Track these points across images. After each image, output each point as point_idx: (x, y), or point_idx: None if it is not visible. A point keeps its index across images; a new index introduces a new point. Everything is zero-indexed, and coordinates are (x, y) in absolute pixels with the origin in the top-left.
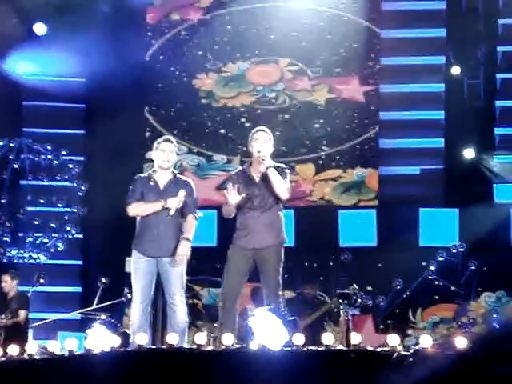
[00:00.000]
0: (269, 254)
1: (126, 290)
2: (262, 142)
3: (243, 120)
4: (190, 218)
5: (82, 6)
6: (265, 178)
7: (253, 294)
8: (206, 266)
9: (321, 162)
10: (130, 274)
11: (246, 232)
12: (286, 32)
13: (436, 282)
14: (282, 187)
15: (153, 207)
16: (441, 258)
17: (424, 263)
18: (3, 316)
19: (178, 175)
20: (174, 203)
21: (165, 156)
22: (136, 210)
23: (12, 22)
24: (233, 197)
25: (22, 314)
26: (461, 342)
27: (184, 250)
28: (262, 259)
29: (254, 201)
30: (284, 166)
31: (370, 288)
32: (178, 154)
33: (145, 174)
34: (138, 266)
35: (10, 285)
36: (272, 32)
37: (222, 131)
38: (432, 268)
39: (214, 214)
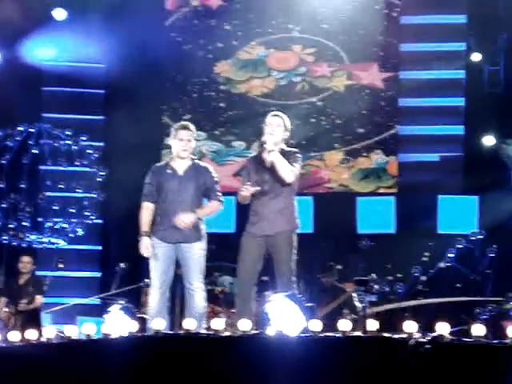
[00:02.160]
0: (280, 240)
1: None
2: (275, 127)
3: (262, 106)
4: (214, 203)
5: None
6: (271, 166)
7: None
8: (224, 252)
9: (340, 148)
10: (148, 258)
11: (256, 218)
12: (305, 19)
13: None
14: (285, 170)
15: (142, 226)
16: (459, 246)
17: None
18: (23, 301)
19: (197, 161)
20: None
21: (183, 145)
22: (141, 212)
23: (31, 7)
24: (246, 192)
25: (39, 298)
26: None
27: (186, 217)
28: (274, 246)
29: (265, 186)
30: (295, 150)
31: (388, 275)
32: (196, 140)
33: (162, 163)
34: (156, 251)
35: (29, 268)
36: (291, 19)
37: (241, 117)
38: (451, 255)
39: (232, 200)
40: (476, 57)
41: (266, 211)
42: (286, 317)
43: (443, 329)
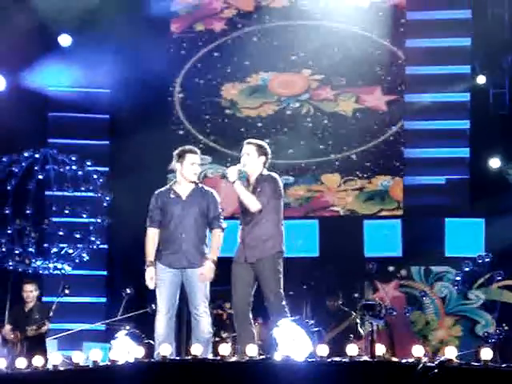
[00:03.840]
0: (263, 266)
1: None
2: (245, 156)
3: (266, 129)
4: (216, 234)
5: (107, 17)
6: (253, 191)
7: None
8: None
9: (345, 171)
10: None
11: (241, 246)
12: (308, 47)
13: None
14: (248, 200)
15: (147, 256)
16: (467, 269)
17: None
18: (30, 328)
19: (201, 185)
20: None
21: (195, 169)
22: (146, 237)
23: (37, 33)
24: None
25: (47, 325)
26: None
27: (207, 272)
28: (257, 272)
29: (246, 215)
30: (273, 175)
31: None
32: (201, 165)
33: (165, 188)
34: (162, 277)
35: (32, 296)
36: (294, 47)
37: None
38: (458, 278)
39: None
40: (481, 79)
41: (247, 239)
42: (293, 341)
43: (451, 353)
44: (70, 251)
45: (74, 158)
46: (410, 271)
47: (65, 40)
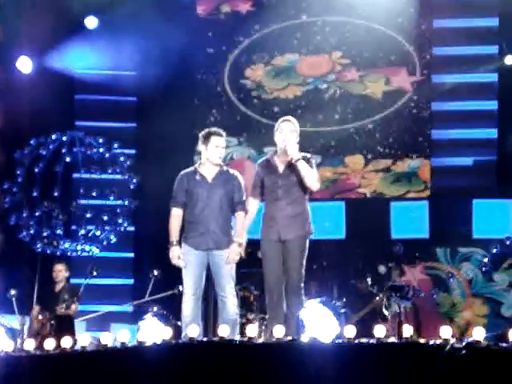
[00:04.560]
0: (293, 245)
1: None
2: (287, 133)
3: (293, 111)
4: (241, 216)
5: None
6: (289, 168)
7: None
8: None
9: (371, 153)
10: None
11: (272, 223)
12: (333, 26)
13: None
14: (312, 179)
15: (172, 235)
16: (494, 250)
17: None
18: (60, 306)
19: (226, 167)
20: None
21: (219, 152)
22: (170, 217)
23: (63, 15)
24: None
25: (75, 305)
26: None
27: (234, 255)
28: (286, 250)
29: (278, 191)
30: (309, 155)
31: None
32: (227, 147)
33: (190, 169)
34: (189, 258)
35: (61, 276)
36: (319, 28)
37: (271, 123)
38: (485, 260)
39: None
40: (509, 60)
41: (280, 216)
42: (320, 323)
43: (479, 334)
44: (98, 233)
45: (100, 141)
46: (436, 254)
47: (91, 22)
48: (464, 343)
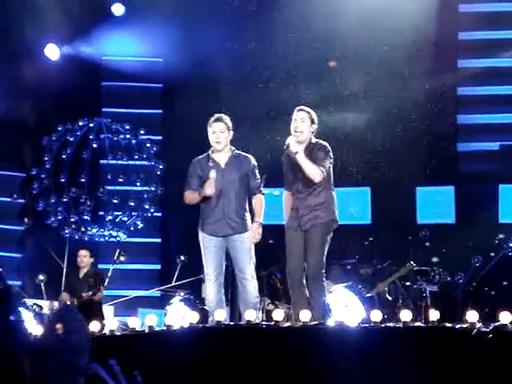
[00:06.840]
0: (313, 233)
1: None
2: (299, 122)
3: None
4: (258, 198)
5: None
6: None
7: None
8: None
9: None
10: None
11: (295, 214)
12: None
13: None
14: (311, 171)
15: (194, 198)
16: None
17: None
18: (85, 293)
19: (237, 151)
20: (208, 191)
21: (215, 136)
22: (185, 200)
23: (90, 2)
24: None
25: (101, 291)
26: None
27: (255, 233)
28: (307, 238)
29: (299, 184)
30: (323, 143)
31: (449, 265)
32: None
33: (202, 156)
34: (207, 244)
35: (86, 261)
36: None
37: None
38: (511, 244)
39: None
40: None
41: (302, 207)
42: (347, 307)
43: (506, 318)
44: (125, 219)
45: (127, 127)
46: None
47: (118, 9)
48: (491, 327)
